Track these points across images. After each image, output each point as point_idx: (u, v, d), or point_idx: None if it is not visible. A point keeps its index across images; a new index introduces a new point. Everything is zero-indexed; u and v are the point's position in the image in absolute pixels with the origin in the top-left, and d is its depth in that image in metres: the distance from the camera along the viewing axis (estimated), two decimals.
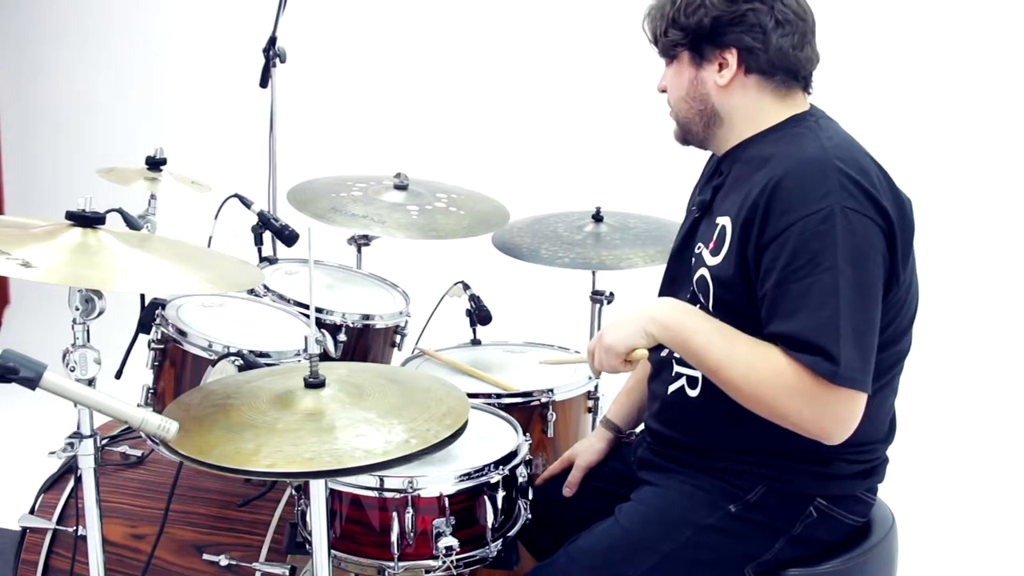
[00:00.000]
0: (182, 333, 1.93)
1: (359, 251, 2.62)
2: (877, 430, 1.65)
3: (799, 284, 1.44)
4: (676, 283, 1.76)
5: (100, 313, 1.45)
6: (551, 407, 2.08)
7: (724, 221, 1.59)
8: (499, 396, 2.07)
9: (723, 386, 1.51)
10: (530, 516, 1.76)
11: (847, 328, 1.42)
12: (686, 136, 1.72)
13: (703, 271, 1.62)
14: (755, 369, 1.46)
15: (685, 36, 1.61)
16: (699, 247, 1.65)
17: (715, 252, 1.60)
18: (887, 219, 1.48)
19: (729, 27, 1.57)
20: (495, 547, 1.67)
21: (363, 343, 2.21)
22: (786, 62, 1.59)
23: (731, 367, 1.49)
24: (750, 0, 1.57)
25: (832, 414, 1.44)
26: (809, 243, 1.44)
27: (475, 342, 2.35)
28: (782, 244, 1.47)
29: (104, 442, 2.11)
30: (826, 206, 1.44)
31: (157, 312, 1.96)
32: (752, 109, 1.62)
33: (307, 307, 1.55)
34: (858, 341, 1.44)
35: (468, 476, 1.64)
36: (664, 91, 1.71)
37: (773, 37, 1.57)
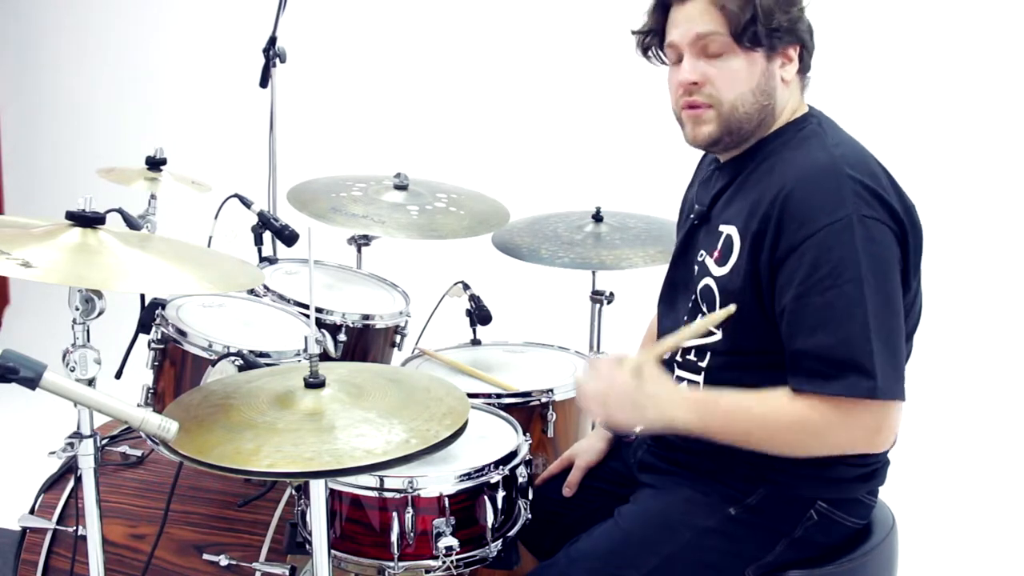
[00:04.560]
0: (182, 333, 1.93)
1: (359, 251, 2.62)
2: None
3: (822, 297, 1.43)
4: (676, 289, 1.76)
5: (100, 313, 1.45)
6: (551, 407, 2.08)
7: (729, 230, 1.58)
8: (499, 396, 2.07)
9: (755, 446, 1.51)
10: (530, 516, 1.76)
11: (877, 339, 1.41)
12: (726, 135, 1.58)
13: (708, 281, 1.61)
14: (779, 421, 1.47)
15: (782, 27, 1.52)
16: (702, 255, 1.64)
17: (721, 262, 1.59)
18: (900, 224, 1.48)
19: (800, 24, 1.56)
20: (495, 547, 1.66)
21: (363, 343, 2.21)
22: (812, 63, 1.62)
23: (756, 427, 1.49)
24: (800, 1, 1.56)
25: (863, 429, 1.45)
26: (829, 254, 1.43)
27: (475, 342, 2.35)
28: (800, 256, 1.45)
29: (104, 442, 2.11)
30: (844, 216, 1.43)
31: (157, 312, 1.96)
32: (785, 108, 1.60)
33: (307, 307, 1.55)
34: (889, 350, 1.43)
35: (468, 476, 1.64)
36: (693, 83, 1.57)
37: (814, 37, 1.59)
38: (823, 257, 1.44)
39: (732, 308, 1.49)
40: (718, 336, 1.60)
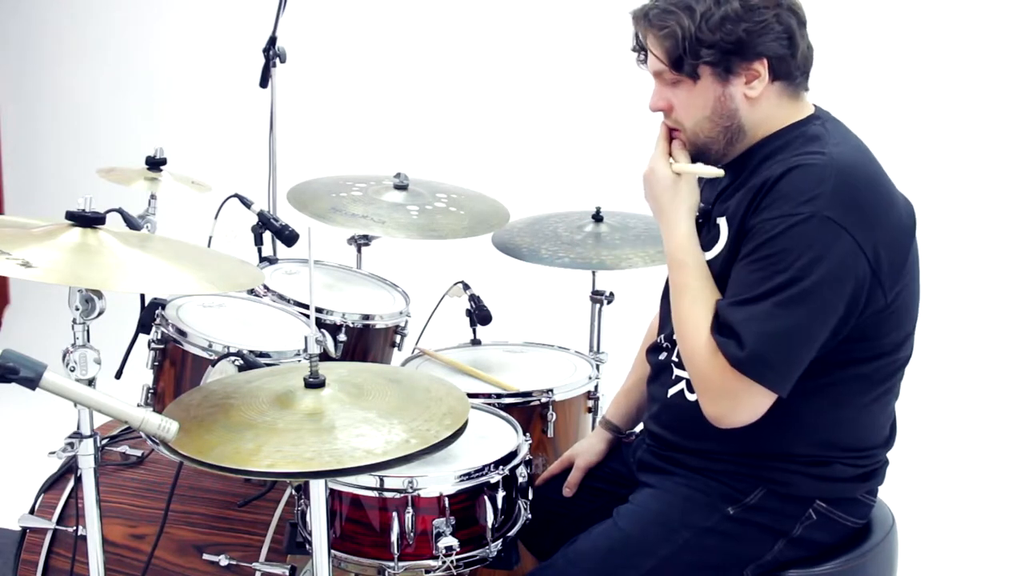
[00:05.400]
0: (182, 333, 1.93)
1: (359, 251, 2.62)
2: (877, 435, 1.65)
3: (752, 274, 1.47)
4: None
5: (100, 313, 1.45)
6: (551, 407, 2.08)
7: (722, 222, 1.59)
8: (499, 396, 2.07)
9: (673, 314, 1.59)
10: (530, 516, 1.76)
11: (775, 328, 1.44)
12: (700, 155, 1.61)
13: None
14: (688, 318, 1.53)
15: (716, 53, 1.50)
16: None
17: (707, 247, 1.60)
18: (874, 244, 1.46)
19: (760, 37, 1.50)
20: (495, 547, 1.67)
21: (363, 343, 2.21)
22: (806, 64, 1.58)
23: (680, 304, 1.57)
24: (770, 5, 1.51)
25: (721, 391, 1.49)
26: (777, 240, 1.45)
27: (475, 342, 2.35)
28: (755, 234, 1.48)
29: (104, 442, 2.12)
30: (809, 212, 1.43)
31: (157, 312, 1.96)
32: (773, 116, 1.58)
33: (307, 307, 1.55)
34: (785, 346, 1.45)
35: (468, 476, 1.64)
36: (661, 110, 1.62)
37: (798, 40, 1.54)
38: (771, 241, 1.46)
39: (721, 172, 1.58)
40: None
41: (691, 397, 1.65)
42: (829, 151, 1.50)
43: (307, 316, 1.59)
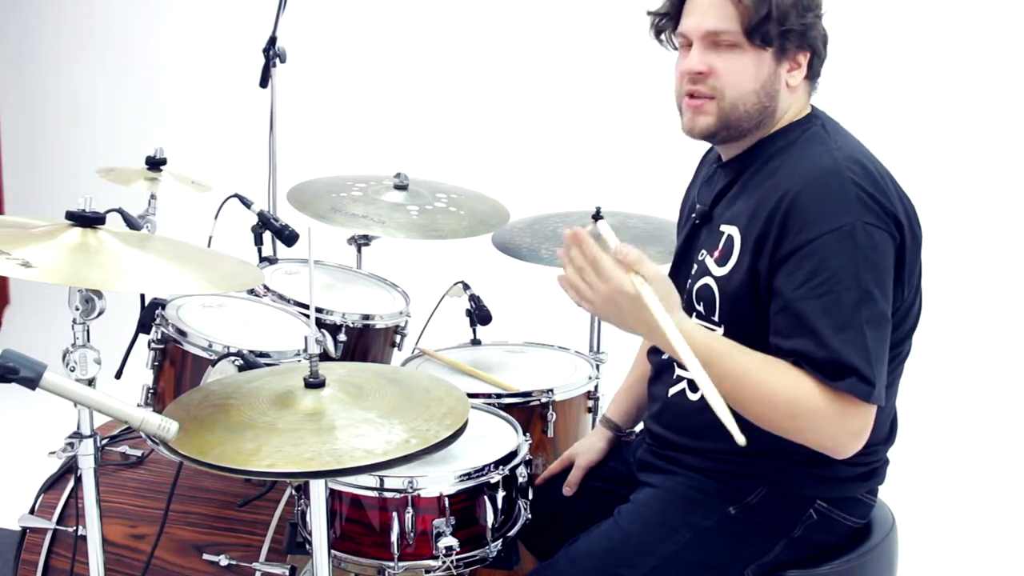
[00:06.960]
0: (182, 333, 1.93)
1: (359, 251, 2.62)
2: (878, 433, 1.64)
3: (819, 301, 1.43)
4: (679, 289, 1.75)
5: (100, 313, 1.45)
6: (551, 407, 2.08)
7: (731, 231, 1.57)
8: (499, 396, 2.07)
9: (739, 409, 1.41)
10: (530, 516, 1.76)
11: (873, 346, 1.42)
12: (723, 130, 1.58)
13: (707, 280, 1.60)
14: (775, 392, 1.42)
15: (790, 30, 1.52)
16: (702, 255, 1.64)
17: (721, 263, 1.58)
18: (900, 230, 1.48)
19: (813, 31, 1.55)
20: (495, 547, 1.67)
21: (363, 343, 2.21)
22: (821, 71, 1.62)
23: (749, 391, 1.43)
24: (817, 8, 1.56)
25: (849, 430, 1.44)
26: (830, 260, 1.43)
27: (475, 342, 2.35)
28: (800, 260, 1.45)
29: (104, 442, 2.11)
30: (847, 223, 1.43)
31: (157, 312, 1.96)
32: (791, 110, 1.61)
33: (307, 307, 1.55)
34: (879, 357, 1.44)
35: (468, 476, 1.64)
36: (700, 74, 1.55)
37: (827, 46, 1.60)
38: (824, 263, 1.43)
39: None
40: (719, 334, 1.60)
41: (692, 396, 1.65)
42: (833, 155, 1.51)
43: (307, 316, 1.59)
